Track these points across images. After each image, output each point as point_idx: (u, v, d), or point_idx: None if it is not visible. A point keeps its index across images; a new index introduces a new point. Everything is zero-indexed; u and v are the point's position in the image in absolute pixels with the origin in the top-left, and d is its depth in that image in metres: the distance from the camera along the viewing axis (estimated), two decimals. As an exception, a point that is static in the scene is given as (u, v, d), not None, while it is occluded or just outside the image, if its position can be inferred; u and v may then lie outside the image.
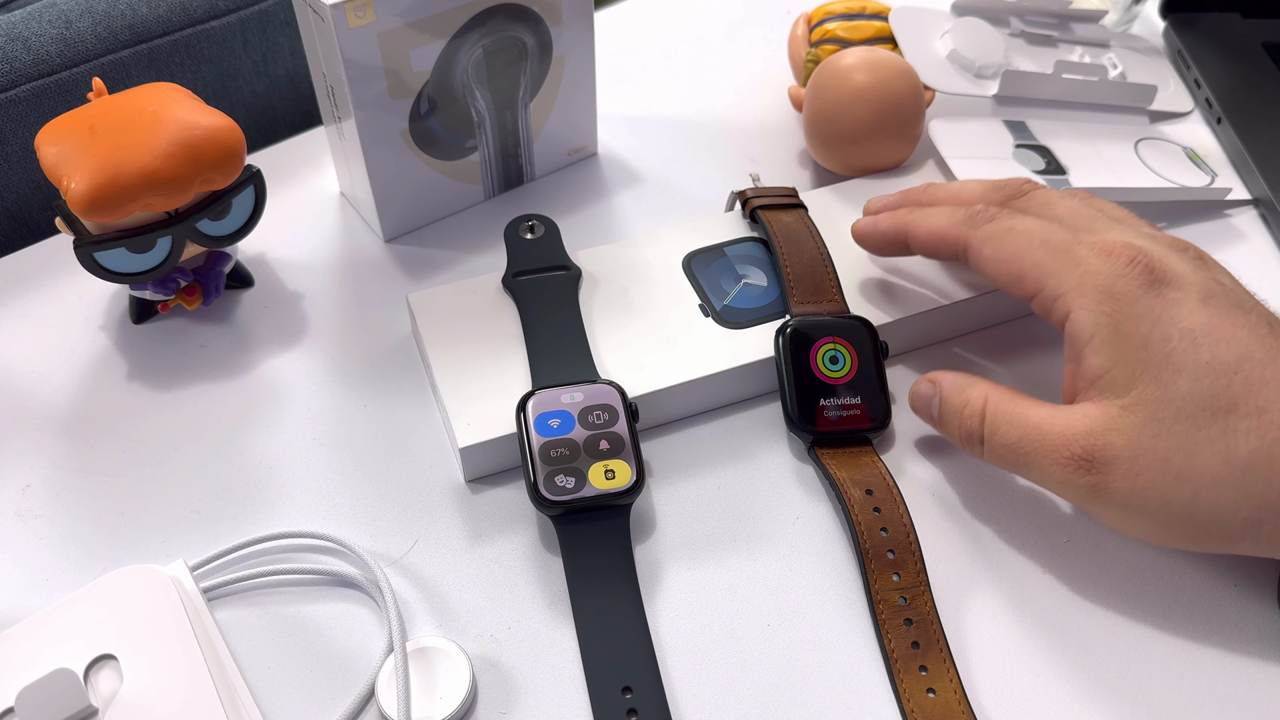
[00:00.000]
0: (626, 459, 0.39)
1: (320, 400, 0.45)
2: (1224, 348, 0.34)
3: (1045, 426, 0.36)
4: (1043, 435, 0.36)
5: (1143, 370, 0.35)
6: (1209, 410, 0.34)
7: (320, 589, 0.39)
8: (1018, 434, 0.37)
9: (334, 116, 0.49)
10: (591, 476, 0.38)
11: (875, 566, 0.38)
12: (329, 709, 0.36)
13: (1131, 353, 0.35)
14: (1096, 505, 0.36)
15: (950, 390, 0.40)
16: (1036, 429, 0.36)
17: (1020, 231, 0.39)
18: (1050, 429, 0.36)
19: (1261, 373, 0.34)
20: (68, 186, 0.41)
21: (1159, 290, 0.36)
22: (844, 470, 0.40)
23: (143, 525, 0.41)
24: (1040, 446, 0.36)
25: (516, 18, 0.48)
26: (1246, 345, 0.34)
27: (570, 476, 0.38)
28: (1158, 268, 0.36)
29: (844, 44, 0.54)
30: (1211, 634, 0.37)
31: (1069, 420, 0.36)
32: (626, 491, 0.38)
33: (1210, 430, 0.33)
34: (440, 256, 0.51)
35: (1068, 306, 0.37)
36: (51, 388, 0.46)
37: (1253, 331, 0.35)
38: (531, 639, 0.38)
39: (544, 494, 0.38)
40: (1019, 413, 0.37)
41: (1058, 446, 0.36)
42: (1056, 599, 0.38)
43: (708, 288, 0.46)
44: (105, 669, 0.36)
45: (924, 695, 0.35)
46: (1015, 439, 0.37)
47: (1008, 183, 0.42)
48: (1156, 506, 0.34)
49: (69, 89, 0.57)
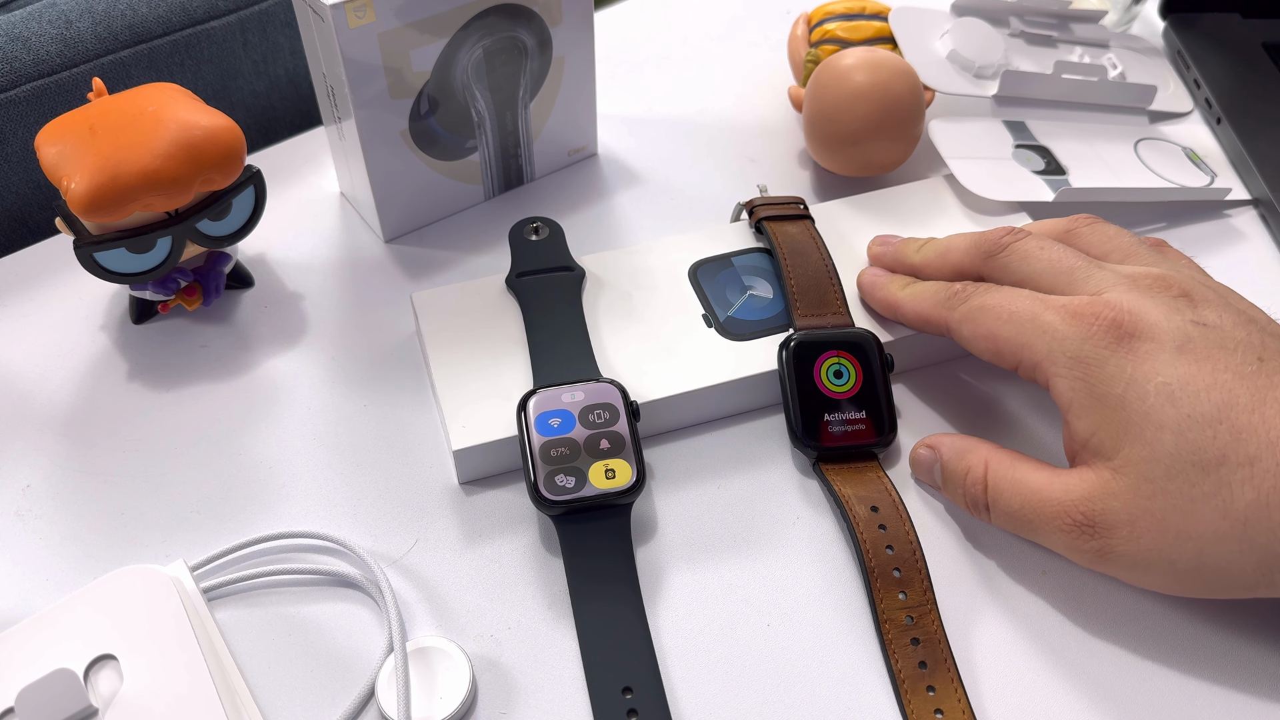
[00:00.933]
0: (627, 458, 0.39)
1: (320, 400, 0.45)
2: (1203, 398, 0.33)
3: (1045, 493, 0.36)
4: (1043, 502, 0.36)
5: (1124, 431, 0.34)
6: (1198, 465, 0.33)
7: (320, 589, 0.39)
8: (1019, 501, 0.37)
9: (334, 116, 0.49)
10: (592, 476, 0.38)
11: (881, 585, 0.37)
12: (329, 709, 0.36)
13: (1110, 414, 0.35)
14: (1105, 566, 0.35)
15: (950, 456, 0.40)
16: (1037, 495, 0.36)
17: (990, 308, 0.39)
18: (1050, 495, 0.36)
19: (1248, 419, 0.33)
20: (68, 187, 0.41)
21: (1129, 345, 0.35)
22: (849, 486, 0.40)
23: (143, 525, 0.41)
24: (1042, 514, 0.36)
25: (516, 18, 0.48)
26: (1229, 391, 0.33)
27: (570, 476, 0.38)
28: (1126, 322, 0.35)
29: (844, 44, 0.54)
30: (1214, 635, 0.37)
31: (1066, 486, 0.36)
32: (627, 491, 0.38)
33: (1204, 486, 0.33)
34: (440, 256, 0.51)
35: (1045, 375, 0.37)
36: (51, 388, 0.46)
37: (1236, 373, 0.34)
38: (531, 639, 0.38)
39: (544, 494, 0.38)
40: (1019, 479, 0.37)
41: (1058, 514, 0.36)
42: (1065, 617, 0.38)
43: (712, 298, 0.45)
44: (105, 669, 0.36)
45: (932, 716, 0.35)
46: (1018, 506, 0.37)
47: (987, 237, 0.42)
48: (1163, 566, 0.34)
49: (69, 89, 0.57)
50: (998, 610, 0.38)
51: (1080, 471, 0.36)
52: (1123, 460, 0.34)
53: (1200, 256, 0.50)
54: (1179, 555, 0.33)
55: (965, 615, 0.38)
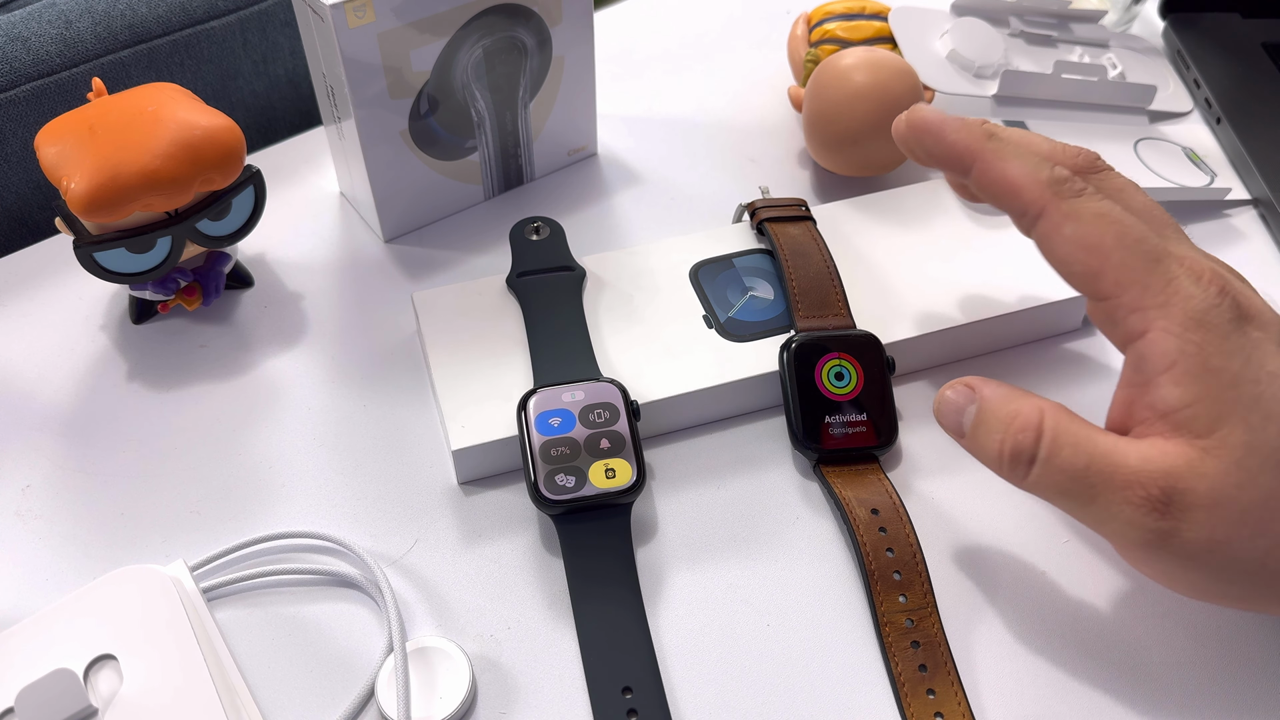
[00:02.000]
0: (627, 458, 0.39)
1: (320, 400, 0.45)
2: None
3: (1116, 457, 0.32)
4: (1114, 466, 0.32)
5: (1230, 411, 0.31)
6: None
7: (320, 589, 0.39)
8: (1084, 461, 0.32)
9: (334, 116, 0.49)
10: (592, 475, 0.38)
11: (881, 588, 0.37)
12: (329, 709, 0.36)
13: (1220, 390, 0.31)
14: (1159, 553, 0.32)
15: (995, 399, 0.35)
16: (1107, 458, 0.32)
17: (1112, 220, 0.33)
18: (1123, 460, 0.32)
19: None
20: (67, 186, 0.41)
21: (1244, 328, 0.32)
22: (850, 489, 0.40)
23: (142, 525, 0.41)
24: (1111, 480, 0.32)
25: (516, 17, 0.48)
26: None
27: (571, 475, 0.38)
28: (1244, 303, 0.33)
29: (844, 44, 0.54)
30: (1216, 639, 0.37)
31: (1145, 455, 0.32)
32: (627, 490, 0.38)
33: None
34: (440, 256, 0.51)
35: (1146, 325, 0.33)
36: (51, 388, 0.46)
37: None
38: (531, 639, 0.38)
39: (544, 493, 0.38)
40: (1086, 436, 0.33)
41: (1131, 483, 0.31)
42: (1066, 620, 0.38)
43: (714, 299, 0.45)
44: (105, 669, 0.36)
45: (932, 719, 0.35)
46: (1081, 466, 0.32)
47: (1081, 152, 0.37)
48: (1222, 562, 0.31)
49: (69, 89, 0.57)
50: (998, 613, 0.38)
51: (1159, 443, 0.32)
52: (1218, 441, 0.31)
53: (1200, 256, 0.50)
54: (1245, 553, 0.31)
55: (966, 618, 0.38)
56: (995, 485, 0.41)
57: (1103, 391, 0.45)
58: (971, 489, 0.41)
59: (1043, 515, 0.40)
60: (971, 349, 0.46)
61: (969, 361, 0.46)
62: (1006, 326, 0.45)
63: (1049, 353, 0.46)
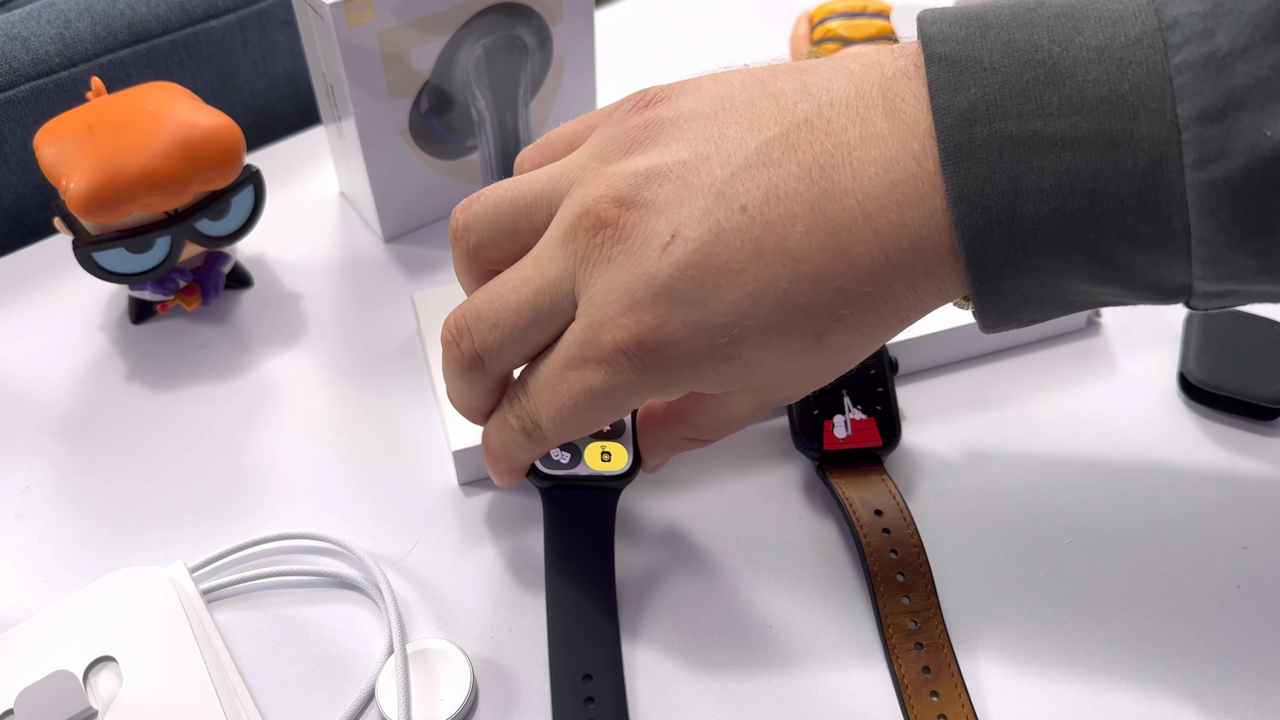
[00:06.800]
0: (625, 444, 0.39)
1: (320, 400, 0.45)
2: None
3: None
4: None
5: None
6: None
7: (320, 590, 0.39)
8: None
9: (334, 116, 0.49)
10: (588, 456, 0.38)
11: (884, 589, 0.37)
12: (329, 711, 0.36)
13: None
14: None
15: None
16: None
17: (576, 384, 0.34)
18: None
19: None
20: (66, 186, 0.41)
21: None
22: (853, 490, 0.40)
23: (142, 526, 0.41)
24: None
25: (516, 16, 0.48)
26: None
27: (566, 452, 0.38)
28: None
29: (845, 42, 0.54)
30: (1217, 639, 0.37)
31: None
32: (621, 476, 0.38)
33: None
34: (440, 256, 0.51)
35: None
36: (51, 388, 0.46)
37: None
38: (532, 640, 0.37)
39: (538, 466, 0.38)
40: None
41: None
42: (1070, 621, 0.38)
43: None
44: (105, 671, 0.36)
45: None
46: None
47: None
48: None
49: (68, 89, 0.57)
50: (1002, 614, 0.38)
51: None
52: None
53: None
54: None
55: (969, 620, 0.38)
56: (999, 486, 0.41)
57: (1106, 392, 0.44)
58: (975, 490, 0.41)
59: (1046, 516, 0.40)
60: (974, 349, 0.46)
61: (972, 363, 0.46)
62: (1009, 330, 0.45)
63: (1052, 353, 0.46)
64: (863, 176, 0.29)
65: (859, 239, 0.29)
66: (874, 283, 0.29)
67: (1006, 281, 0.29)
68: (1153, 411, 0.44)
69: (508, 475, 0.37)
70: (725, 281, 0.29)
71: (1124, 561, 0.39)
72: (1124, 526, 0.40)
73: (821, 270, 0.29)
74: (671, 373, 0.31)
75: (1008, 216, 0.27)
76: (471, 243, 0.34)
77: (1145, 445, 0.43)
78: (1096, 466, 0.42)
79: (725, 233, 0.29)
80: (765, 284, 0.29)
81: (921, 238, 0.28)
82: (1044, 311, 0.30)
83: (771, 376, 0.32)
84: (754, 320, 0.30)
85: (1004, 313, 0.30)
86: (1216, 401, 0.43)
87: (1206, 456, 0.42)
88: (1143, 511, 0.40)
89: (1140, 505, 0.41)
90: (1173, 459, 0.42)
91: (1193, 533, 0.40)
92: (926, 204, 0.28)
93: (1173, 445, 0.43)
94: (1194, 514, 0.40)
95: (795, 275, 0.29)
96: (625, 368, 0.31)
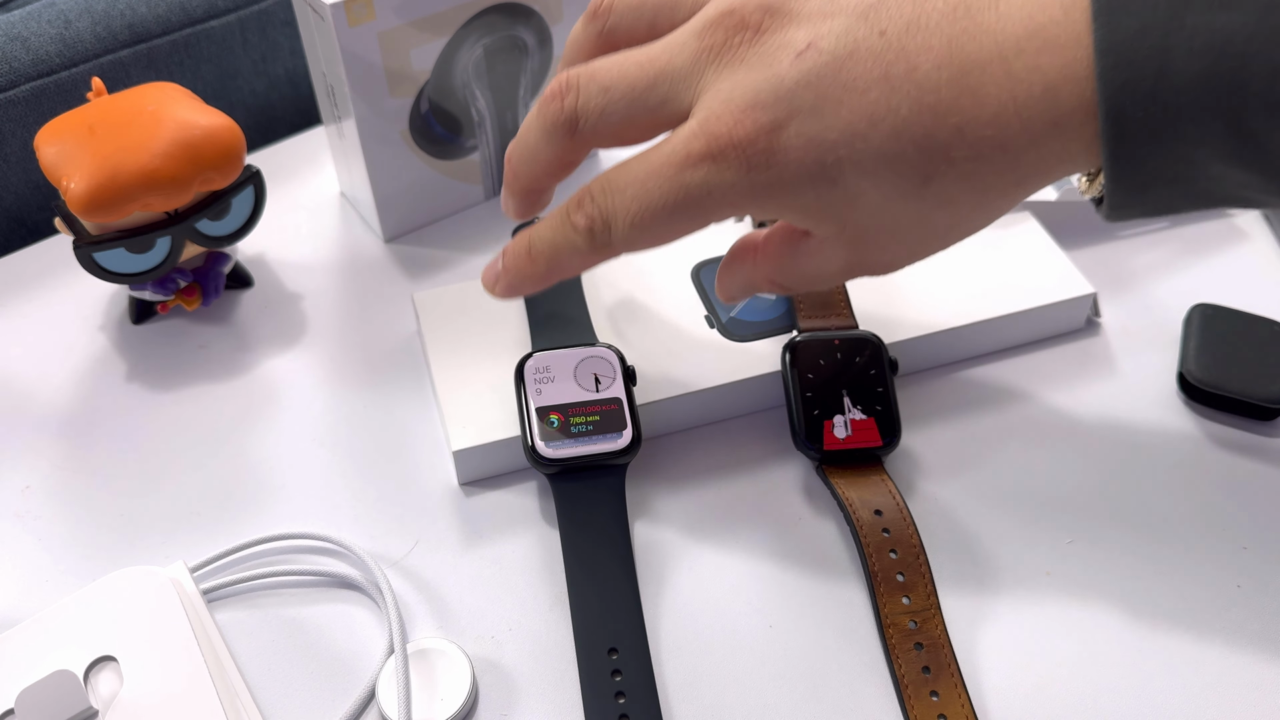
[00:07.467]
0: (624, 420, 0.39)
1: (320, 400, 0.45)
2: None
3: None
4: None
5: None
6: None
7: (320, 590, 0.39)
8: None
9: (334, 116, 0.49)
10: None
11: (884, 589, 0.37)
12: (329, 711, 0.36)
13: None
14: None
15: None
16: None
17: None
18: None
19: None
20: (67, 186, 0.41)
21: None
22: (852, 489, 0.40)
23: (142, 526, 0.41)
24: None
25: (516, 16, 0.48)
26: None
27: (563, 437, 0.38)
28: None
29: None
30: (1217, 639, 0.37)
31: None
32: (623, 451, 0.39)
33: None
34: (440, 256, 0.51)
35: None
36: (51, 388, 0.46)
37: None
38: (532, 640, 0.37)
39: (542, 450, 0.38)
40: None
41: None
42: (1070, 621, 0.38)
43: (715, 299, 0.45)
44: (105, 670, 0.36)
45: None
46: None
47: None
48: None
49: (68, 89, 0.57)
50: (1002, 614, 0.38)
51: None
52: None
53: (1202, 256, 0.50)
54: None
55: (970, 620, 0.38)
56: (999, 486, 0.41)
57: (1107, 392, 0.44)
58: (975, 490, 0.41)
59: (1046, 516, 0.40)
60: (974, 349, 0.46)
61: (972, 363, 0.46)
62: (1009, 327, 0.45)
63: (1052, 353, 0.46)
64: (1006, 19, 0.28)
65: (990, 79, 0.28)
66: (996, 126, 0.28)
67: (1141, 146, 0.27)
68: (1153, 411, 0.44)
69: (535, 280, 0.34)
70: (847, 98, 0.29)
71: (1124, 561, 0.39)
72: (1124, 527, 0.40)
73: (945, 103, 0.28)
74: (774, 182, 0.30)
75: (1153, 73, 0.26)
76: (609, 23, 0.34)
77: (1145, 445, 0.43)
78: (1096, 466, 0.42)
79: (859, 52, 0.29)
80: (885, 109, 0.29)
81: (1055, 86, 0.27)
82: (1173, 195, 0.29)
83: (870, 219, 0.31)
84: (865, 144, 0.29)
85: (1133, 188, 0.29)
86: (1216, 401, 0.43)
87: (1206, 456, 0.42)
88: (1143, 512, 0.40)
89: (1140, 505, 0.41)
90: (1173, 459, 0.42)
91: (1192, 532, 0.40)
92: (1067, 53, 0.27)
93: (1173, 445, 0.43)
94: (1194, 514, 0.40)
95: (918, 105, 0.28)
96: (730, 166, 0.30)
